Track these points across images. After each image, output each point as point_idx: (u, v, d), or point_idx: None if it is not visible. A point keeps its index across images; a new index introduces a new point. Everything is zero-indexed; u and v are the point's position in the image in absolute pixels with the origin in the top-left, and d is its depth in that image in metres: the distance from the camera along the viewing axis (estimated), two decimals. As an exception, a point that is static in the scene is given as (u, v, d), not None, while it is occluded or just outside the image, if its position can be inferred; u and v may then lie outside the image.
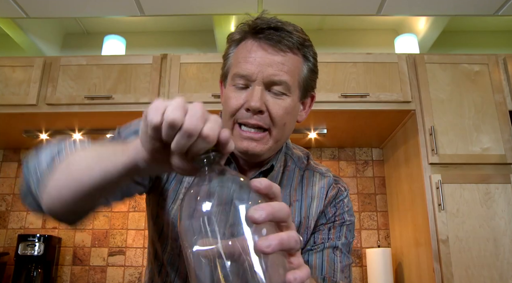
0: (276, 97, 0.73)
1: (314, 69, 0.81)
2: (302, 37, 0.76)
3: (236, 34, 0.78)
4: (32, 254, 2.05)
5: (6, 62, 2.07)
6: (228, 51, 0.80)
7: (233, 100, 0.74)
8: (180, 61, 2.03)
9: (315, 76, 0.82)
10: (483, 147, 1.85)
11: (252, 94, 0.72)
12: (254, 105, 0.70)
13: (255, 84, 0.72)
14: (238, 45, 0.78)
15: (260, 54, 0.73)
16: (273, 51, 0.73)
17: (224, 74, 0.81)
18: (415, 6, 2.00)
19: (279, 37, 0.73)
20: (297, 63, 0.76)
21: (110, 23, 2.56)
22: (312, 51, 0.79)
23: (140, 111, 2.33)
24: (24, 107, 1.99)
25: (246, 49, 0.75)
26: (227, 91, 0.77)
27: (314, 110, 1.96)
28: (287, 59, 0.73)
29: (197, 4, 1.99)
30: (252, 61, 0.73)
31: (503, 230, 1.74)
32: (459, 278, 1.68)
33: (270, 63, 0.72)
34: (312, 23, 2.57)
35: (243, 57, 0.74)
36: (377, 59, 2.02)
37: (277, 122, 0.73)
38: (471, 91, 1.94)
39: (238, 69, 0.74)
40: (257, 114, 0.72)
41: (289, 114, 0.75)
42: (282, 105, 0.73)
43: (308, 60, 0.78)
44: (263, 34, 0.73)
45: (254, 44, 0.74)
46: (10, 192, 2.39)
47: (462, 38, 2.62)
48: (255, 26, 0.75)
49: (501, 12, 2.02)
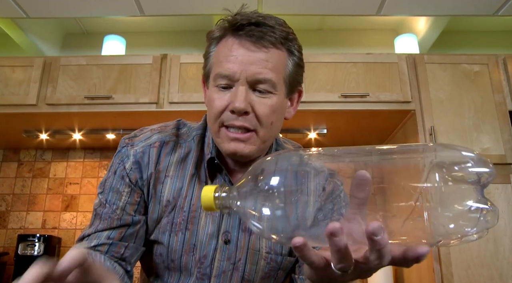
0: (262, 96, 0.70)
1: (300, 63, 0.77)
2: (285, 31, 0.72)
3: (216, 32, 0.75)
4: (32, 254, 2.05)
5: (6, 62, 2.07)
6: (208, 49, 0.77)
7: (217, 102, 0.71)
8: (180, 61, 2.03)
9: (301, 71, 0.79)
10: (483, 147, 1.85)
11: (236, 95, 0.68)
12: (238, 107, 0.67)
13: (238, 85, 0.69)
14: (218, 43, 0.74)
15: (242, 52, 0.69)
16: (255, 49, 0.69)
17: (206, 74, 0.78)
18: (415, 6, 2.00)
19: (261, 33, 0.69)
20: (282, 59, 0.72)
21: (110, 23, 2.56)
22: (297, 45, 0.76)
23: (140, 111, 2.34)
24: (24, 107, 1.99)
25: (227, 47, 0.71)
26: (210, 92, 0.74)
27: (314, 110, 1.96)
28: (270, 56, 0.70)
29: (197, 4, 1.99)
30: (234, 60, 0.69)
31: (503, 230, 1.74)
32: (459, 278, 1.68)
33: (252, 61, 0.69)
34: (312, 23, 2.57)
35: (224, 56, 0.70)
36: (377, 59, 2.02)
37: (263, 122, 0.70)
38: (471, 91, 1.94)
39: (220, 69, 0.70)
40: (242, 115, 0.69)
41: (275, 113, 0.72)
42: (268, 104, 0.70)
43: (293, 54, 0.75)
44: (244, 31, 0.70)
45: (235, 41, 0.70)
46: (10, 192, 2.39)
47: (462, 38, 2.62)
48: (235, 22, 0.71)
49: (501, 12, 2.02)
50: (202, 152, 0.80)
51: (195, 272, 0.75)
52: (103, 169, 2.43)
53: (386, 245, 0.42)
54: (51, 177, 2.42)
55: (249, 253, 0.76)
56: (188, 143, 0.80)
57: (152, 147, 0.78)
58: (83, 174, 2.42)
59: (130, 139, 0.80)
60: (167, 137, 0.80)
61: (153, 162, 0.77)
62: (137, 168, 0.76)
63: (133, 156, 0.77)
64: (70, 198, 2.37)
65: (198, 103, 1.95)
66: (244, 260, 0.76)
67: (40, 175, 2.42)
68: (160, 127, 0.82)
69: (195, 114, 2.00)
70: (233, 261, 0.75)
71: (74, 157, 2.45)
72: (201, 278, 0.75)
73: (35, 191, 2.39)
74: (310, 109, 1.95)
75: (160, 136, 0.79)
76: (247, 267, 0.76)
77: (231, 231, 0.76)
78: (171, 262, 0.76)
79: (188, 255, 0.75)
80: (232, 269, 0.76)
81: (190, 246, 0.75)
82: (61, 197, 2.38)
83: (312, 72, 2.00)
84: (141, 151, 0.77)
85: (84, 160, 2.44)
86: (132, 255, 0.76)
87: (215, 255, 0.75)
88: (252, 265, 0.76)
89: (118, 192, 0.76)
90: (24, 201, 2.38)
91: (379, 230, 0.41)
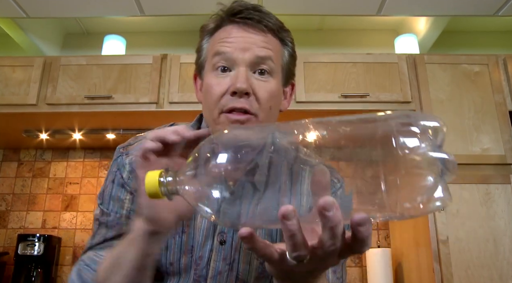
0: (261, 78, 0.69)
1: (294, 55, 0.77)
2: (280, 21, 0.73)
3: (210, 23, 0.74)
4: (32, 254, 2.05)
5: (6, 62, 2.07)
6: (201, 43, 0.75)
7: (216, 86, 0.69)
8: (180, 61, 2.03)
9: (295, 62, 0.78)
10: (483, 147, 1.85)
11: (237, 76, 0.67)
12: (241, 87, 0.65)
13: (239, 66, 0.68)
14: (213, 34, 0.73)
15: (241, 33, 0.68)
16: (254, 31, 0.69)
17: (200, 66, 0.76)
18: (415, 6, 2.00)
19: (259, 16, 0.69)
20: (278, 46, 0.72)
21: (110, 23, 2.56)
22: (290, 37, 0.75)
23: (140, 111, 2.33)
24: (24, 107, 1.99)
25: (226, 32, 0.70)
26: (207, 80, 0.72)
27: (314, 110, 1.96)
28: (269, 40, 0.70)
29: (197, 4, 1.99)
30: (233, 40, 0.68)
31: (503, 230, 1.74)
32: (459, 279, 1.68)
33: (253, 42, 0.68)
34: (312, 23, 2.57)
35: (222, 39, 0.69)
36: (377, 59, 2.02)
37: (263, 105, 0.69)
38: (471, 92, 1.94)
39: (219, 48, 0.69)
40: (243, 96, 0.67)
41: (274, 97, 0.71)
42: (268, 87, 0.69)
43: (286, 45, 0.74)
44: (242, 14, 0.69)
45: (233, 26, 0.70)
46: (10, 192, 2.39)
47: (462, 38, 2.62)
48: (232, 9, 0.70)
49: (501, 12, 2.02)
50: None
51: (192, 274, 0.75)
52: (103, 168, 2.43)
53: (339, 223, 0.40)
54: (51, 176, 2.42)
55: (241, 253, 0.76)
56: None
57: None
58: (83, 174, 2.42)
59: (125, 148, 0.79)
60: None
61: None
62: (134, 176, 0.75)
63: (129, 165, 0.76)
64: (70, 197, 2.37)
65: (198, 103, 1.94)
66: (238, 260, 0.76)
67: (40, 175, 2.42)
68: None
69: (195, 115, 1.99)
70: (228, 262, 0.75)
71: (74, 156, 2.45)
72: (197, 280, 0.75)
73: (35, 191, 2.39)
74: (310, 109, 1.95)
75: None
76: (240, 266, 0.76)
77: (226, 232, 0.76)
78: (170, 266, 0.76)
79: (187, 256, 0.75)
80: (228, 269, 0.75)
81: (188, 247, 0.75)
82: (61, 197, 2.38)
83: (312, 72, 2.00)
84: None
85: (84, 160, 2.44)
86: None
87: (211, 256, 0.74)
88: (245, 265, 0.76)
89: (120, 199, 0.75)
90: (24, 200, 2.38)
91: (330, 205, 0.39)
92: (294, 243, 0.41)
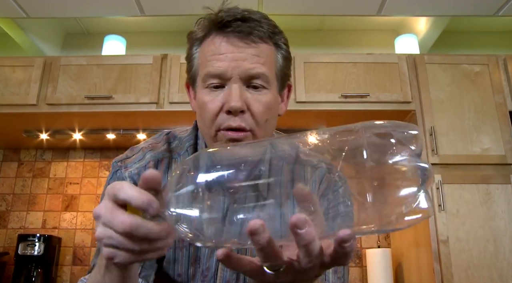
0: (256, 92, 0.67)
1: (288, 56, 0.74)
2: (272, 24, 0.70)
3: (198, 32, 0.71)
4: (32, 254, 2.05)
5: (6, 62, 2.07)
6: (191, 51, 0.73)
7: (210, 104, 0.67)
8: (180, 61, 2.03)
9: (289, 64, 0.76)
10: (483, 147, 1.85)
11: (230, 94, 0.65)
12: (235, 106, 0.64)
13: (231, 83, 0.66)
14: (202, 43, 0.71)
15: (232, 49, 0.66)
16: (244, 45, 0.66)
17: (191, 78, 0.74)
18: (415, 6, 2.00)
19: (249, 28, 0.66)
20: (271, 54, 0.70)
21: (110, 23, 2.56)
22: (283, 38, 0.73)
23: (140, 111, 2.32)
24: (24, 107, 1.99)
25: (214, 45, 0.68)
26: (200, 95, 0.70)
27: (314, 110, 1.96)
28: (261, 51, 0.67)
29: (197, 4, 1.99)
30: (224, 58, 0.66)
31: (503, 231, 1.74)
32: (459, 279, 1.68)
33: (244, 57, 0.66)
34: (312, 23, 2.57)
35: (213, 55, 0.67)
36: (377, 59, 2.02)
37: (259, 120, 0.67)
38: (471, 92, 1.94)
39: (210, 69, 0.67)
40: (238, 115, 0.66)
41: (270, 109, 0.69)
42: (263, 101, 0.67)
43: (280, 48, 0.72)
44: (231, 28, 0.67)
45: (222, 39, 0.67)
46: (10, 192, 2.39)
47: (462, 38, 2.62)
48: (220, 20, 0.68)
49: (501, 12, 2.02)
50: None
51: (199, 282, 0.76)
52: (103, 169, 2.43)
53: (312, 240, 0.38)
54: (51, 176, 2.42)
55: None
56: (182, 156, 0.78)
57: (147, 167, 0.75)
58: (83, 174, 2.42)
59: (123, 161, 0.77)
60: (160, 155, 0.77)
61: None
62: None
63: (129, 178, 0.75)
64: (70, 198, 2.37)
65: (198, 104, 1.95)
66: None
67: (40, 175, 2.42)
68: (150, 144, 0.79)
69: (195, 115, 2.00)
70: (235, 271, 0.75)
71: (74, 156, 2.45)
72: None
73: (35, 191, 2.39)
74: (310, 110, 1.95)
75: (153, 155, 0.77)
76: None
77: None
78: (178, 277, 0.76)
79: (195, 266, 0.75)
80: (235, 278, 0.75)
81: (196, 259, 0.74)
82: (61, 197, 2.38)
83: (312, 72, 2.00)
84: (136, 172, 0.75)
85: (84, 160, 2.44)
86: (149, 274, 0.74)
87: (218, 266, 0.74)
88: None
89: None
90: (24, 200, 2.38)
91: (303, 223, 0.37)
92: (264, 255, 0.40)
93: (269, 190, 0.43)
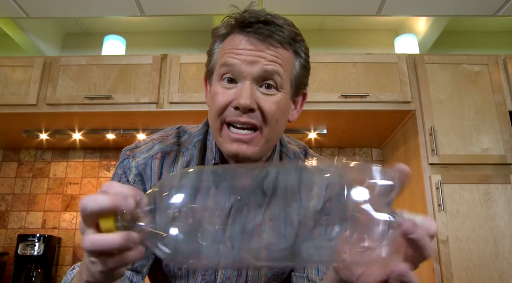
0: (268, 92, 0.68)
1: (306, 65, 0.75)
2: (294, 31, 0.71)
3: (222, 29, 0.73)
4: (32, 254, 2.05)
5: (6, 62, 2.07)
6: (213, 46, 0.75)
7: (220, 96, 0.68)
8: (180, 61, 2.03)
9: (307, 73, 0.76)
10: (483, 147, 1.85)
11: (241, 91, 0.66)
12: (243, 103, 0.65)
13: (244, 80, 0.67)
14: (224, 40, 0.72)
15: (250, 47, 0.67)
16: (263, 47, 0.67)
17: (209, 71, 0.75)
18: (415, 6, 2.00)
19: (269, 31, 0.67)
20: (289, 59, 0.70)
21: (110, 23, 2.56)
22: (304, 47, 0.74)
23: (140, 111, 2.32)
24: (24, 107, 1.99)
25: (234, 43, 0.69)
26: (214, 87, 0.71)
27: (314, 111, 1.96)
28: (278, 54, 0.68)
29: (197, 4, 1.99)
30: (241, 53, 0.67)
31: (503, 231, 1.74)
32: (459, 279, 1.68)
33: (260, 56, 0.67)
34: (312, 23, 2.57)
35: (231, 49, 0.69)
36: (377, 59, 2.02)
37: (269, 119, 0.68)
38: (471, 92, 1.94)
39: (225, 59, 0.68)
40: (246, 113, 0.66)
41: (281, 110, 0.69)
42: (274, 100, 0.68)
43: (299, 55, 0.73)
44: (252, 28, 0.68)
45: (242, 38, 0.69)
46: (10, 192, 2.39)
47: (462, 38, 2.62)
48: (242, 19, 0.69)
49: (501, 12, 2.02)
50: (205, 158, 0.78)
51: (200, 279, 0.75)
52: (103, 169, 2.43)
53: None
54: (51, 176, 2.42)
55: None
56: (190, 150, 0.78)
57: (154, 159, 0.76)
58: (83, 174, 2.42)
59: (131, 150, 0.78)
60: (168, 147, 0.78)
61: (155, 174, 0.75)
62: (140, 180, 0.75)
63: (135, 168, 0.75)
64: (70, 198, 2.37)
65: (198, 104, 1.95)
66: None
67: (40, 175, 2.42)
68: (161, 136, 0.81)
69: (195, 115, 2.00)
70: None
71: (74, 157, 2.45)
72: None
73: (35, 191, 2.39)
74: (310, 109, 1.95)
75: (162, 147, 0.78)
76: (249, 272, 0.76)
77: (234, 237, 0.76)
78: (178, 270, 0.76)
79: None
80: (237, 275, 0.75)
81: None
82: (61, 197, 2.38)
83: (312, 72, 1.96)
84: (143, 162, 0.76)
85: (84, 160, 2.44)
86: (143, 265, 0.74)
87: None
88: (254, 271, 0.76)
89: None
90: (24, 201, 2.38)
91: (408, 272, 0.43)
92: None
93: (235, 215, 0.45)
